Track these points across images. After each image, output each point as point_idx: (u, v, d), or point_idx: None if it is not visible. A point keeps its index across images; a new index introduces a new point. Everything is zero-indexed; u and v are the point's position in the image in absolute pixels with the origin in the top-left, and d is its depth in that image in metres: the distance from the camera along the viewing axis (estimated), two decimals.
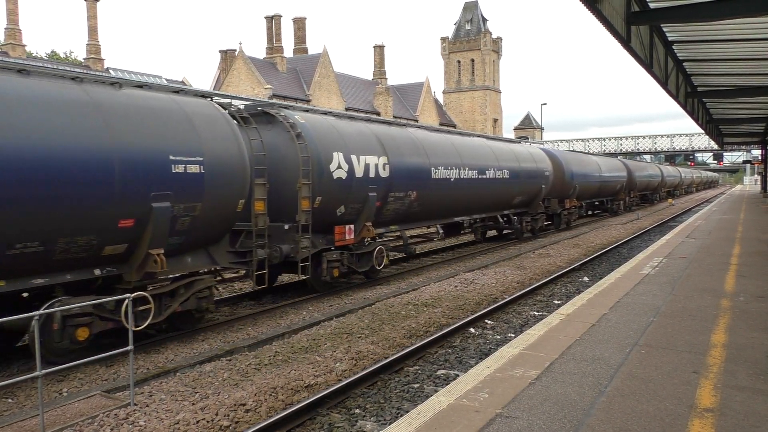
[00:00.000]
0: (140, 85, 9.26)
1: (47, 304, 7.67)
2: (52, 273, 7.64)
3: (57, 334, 7.71)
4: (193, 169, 8.88)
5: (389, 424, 5.52)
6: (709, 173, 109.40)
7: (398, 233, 16.20)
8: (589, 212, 36.31)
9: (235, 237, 10.78)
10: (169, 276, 9.18)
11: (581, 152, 39.51)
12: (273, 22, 61.40)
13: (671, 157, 78.74)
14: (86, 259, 7.93)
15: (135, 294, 7.32)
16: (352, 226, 13.08)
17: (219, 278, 11.03)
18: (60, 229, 7.38)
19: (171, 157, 8.56)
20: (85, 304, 7.62)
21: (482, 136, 22.49)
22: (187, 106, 9.35)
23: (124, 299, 6.86)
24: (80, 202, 7.50)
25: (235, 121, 10.30)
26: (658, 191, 53.80)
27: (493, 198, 20.03)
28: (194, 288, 9.51)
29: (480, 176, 18.44)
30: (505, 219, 22.19)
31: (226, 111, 10.40)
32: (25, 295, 8.18)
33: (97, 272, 8.18)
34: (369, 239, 13.68)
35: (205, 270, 10.09)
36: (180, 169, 8.67)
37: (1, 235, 6.86)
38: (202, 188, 9.01)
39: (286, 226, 11.65)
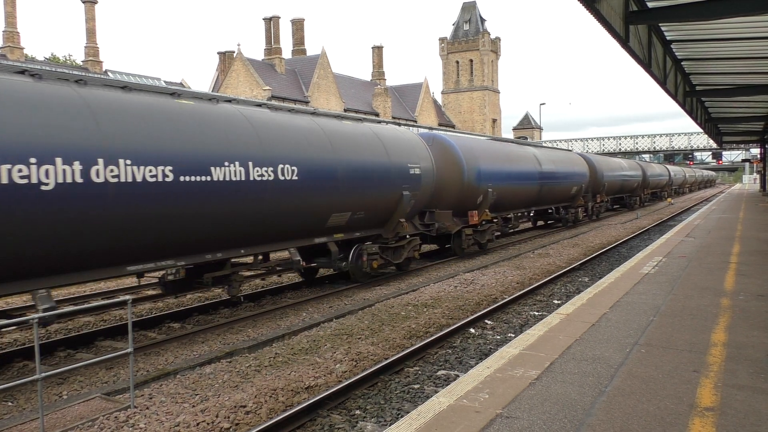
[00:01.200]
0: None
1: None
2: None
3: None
4: (417, 171, 14.76)
5: (390, 425, 5.51)
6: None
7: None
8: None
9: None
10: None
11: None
12: (271, 23, 61.44)
13: (670, 156, 78.86)
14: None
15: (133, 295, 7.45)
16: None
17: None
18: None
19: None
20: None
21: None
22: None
23: (125, 300, 6.86)
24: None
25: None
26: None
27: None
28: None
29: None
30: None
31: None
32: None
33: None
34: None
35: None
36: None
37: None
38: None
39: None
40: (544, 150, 26.76)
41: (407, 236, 15.19)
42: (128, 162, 7.89)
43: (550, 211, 27.66)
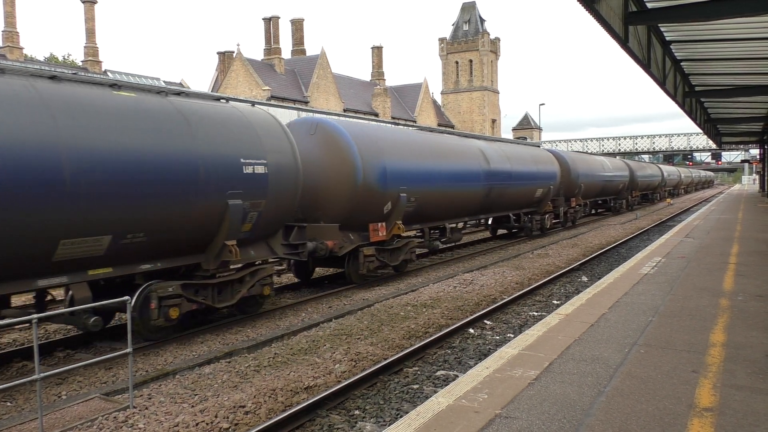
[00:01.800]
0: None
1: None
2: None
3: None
4: (261, 169, 10.41)
5: (389, 425, 5.51)
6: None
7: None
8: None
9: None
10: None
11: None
12: (271, 23, 61.44)
13: (669, 157, 78.90)
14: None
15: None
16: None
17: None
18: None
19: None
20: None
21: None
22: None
23: (124, 300, 6.85)
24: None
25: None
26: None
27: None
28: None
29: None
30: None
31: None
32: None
33: None
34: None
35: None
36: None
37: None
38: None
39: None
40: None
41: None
42: None
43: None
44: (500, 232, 25.37)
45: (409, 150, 15.05)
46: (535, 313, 11.40)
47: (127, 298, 6.86)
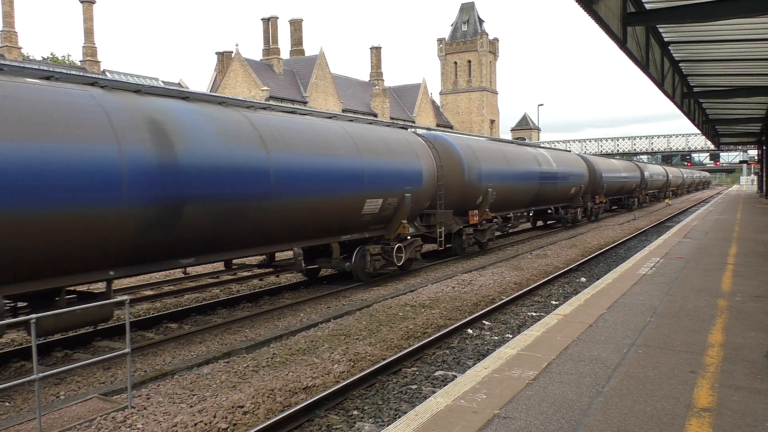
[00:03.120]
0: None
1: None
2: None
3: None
4: (420, 171, 15.42)
5: (387, 426, 5.51)
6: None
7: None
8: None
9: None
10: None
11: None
12: (270, 23, 61.41)
13: (668, 157, 79.02)
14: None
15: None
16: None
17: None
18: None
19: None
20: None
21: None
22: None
23: (123, 300, 6.85)
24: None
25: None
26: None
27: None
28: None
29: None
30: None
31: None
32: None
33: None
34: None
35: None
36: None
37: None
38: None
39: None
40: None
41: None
42: None
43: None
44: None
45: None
46: (534, 314, 11.41)
47: (126, 298, 6.86)
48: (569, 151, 38.30)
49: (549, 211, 28.02)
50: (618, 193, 39.95)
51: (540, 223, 30.30)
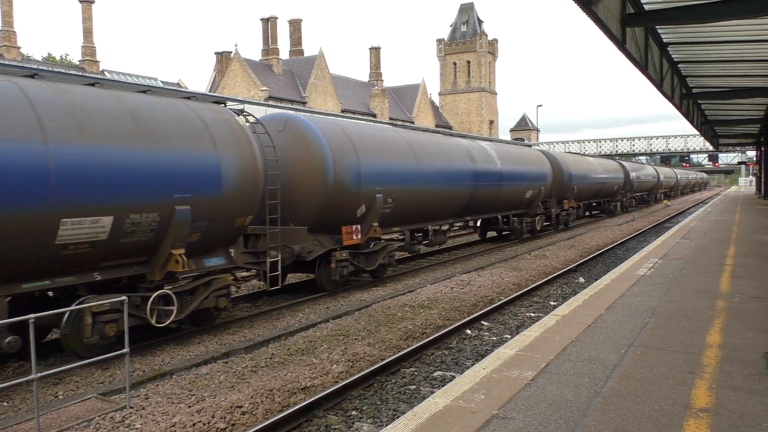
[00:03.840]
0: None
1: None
2: None
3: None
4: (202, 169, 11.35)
5: (386, 426, 5.52)
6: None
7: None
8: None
9: None
10: None
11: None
12: (269, 24, 61.44)
13: (666, 158, 79.05)
14: None
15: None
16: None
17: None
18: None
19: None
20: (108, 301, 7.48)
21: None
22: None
23: (121, 300, 6.84)
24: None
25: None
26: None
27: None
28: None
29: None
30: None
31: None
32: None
33: None
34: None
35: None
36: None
37: None
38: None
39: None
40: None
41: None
42: None
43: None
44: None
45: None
46: (532, 314, 11.42)
47: (124, 297, 6.85)
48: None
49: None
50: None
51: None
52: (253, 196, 10.19)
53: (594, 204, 36.23)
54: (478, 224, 23.68)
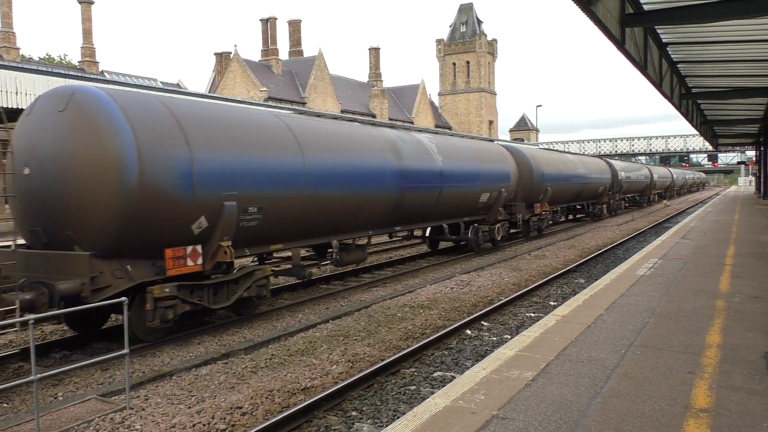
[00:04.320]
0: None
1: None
2: None
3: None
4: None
5: (386, 426, 5.52)
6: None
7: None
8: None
9: None
10: None
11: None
12: (268, 24, 61.44)
13: (666, 158, 79.11)
14: None
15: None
16: None
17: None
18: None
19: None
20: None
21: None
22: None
23: (121, 301, 6.84)
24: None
25: None
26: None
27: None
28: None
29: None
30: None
31: None
32: None
33: None
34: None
35: None
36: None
37: None
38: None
39: None
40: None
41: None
42: None
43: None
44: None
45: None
46: (532, 315, 11.42)
47: (124, 299, 6.85)
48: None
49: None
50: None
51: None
52: None
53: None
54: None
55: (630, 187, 42.59)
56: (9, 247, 8.91)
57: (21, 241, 9.20)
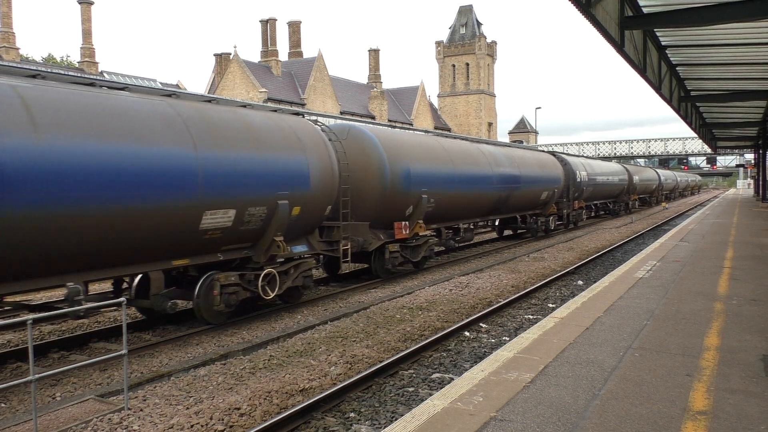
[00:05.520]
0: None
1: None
2: None
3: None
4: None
5: (384, 428, 5.52)
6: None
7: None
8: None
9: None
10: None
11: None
12: (268, 25, 61.47)
13: (665, 161, 79.15)
14: None
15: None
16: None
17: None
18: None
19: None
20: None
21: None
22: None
23: (120, 302, 6.84)
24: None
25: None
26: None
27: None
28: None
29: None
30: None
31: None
32: None
33: None
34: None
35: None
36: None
37: None
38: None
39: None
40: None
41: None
42: None
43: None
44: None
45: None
46: (531, 317, 11.42)
47: (123, 300, 6.85)
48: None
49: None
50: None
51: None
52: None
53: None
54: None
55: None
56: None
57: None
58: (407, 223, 15.09)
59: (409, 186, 14.79)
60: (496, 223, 25.61)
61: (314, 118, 13.59)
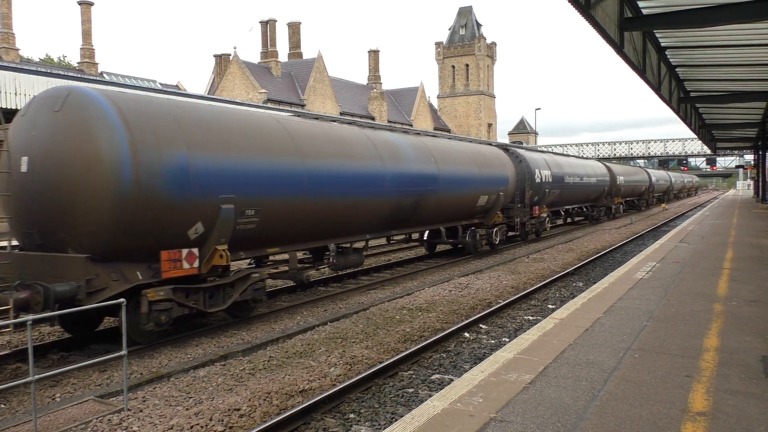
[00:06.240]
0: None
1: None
2: None
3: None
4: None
5: (384, 429, 5.52)
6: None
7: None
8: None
9: None
10: None
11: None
12: (268, 26, 61.48)
13: (665, 162, 79.18)
14: None
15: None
16: None
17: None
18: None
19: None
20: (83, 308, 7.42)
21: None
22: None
23: (120, 302, 6.84)
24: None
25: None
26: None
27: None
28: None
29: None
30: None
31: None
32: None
33: None
34: None
35: None
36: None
37: None
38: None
39: None
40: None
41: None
42: None
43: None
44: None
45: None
46: (530, 318, 11.42)
47: (122, 300, 6.85)
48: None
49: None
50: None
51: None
52: None
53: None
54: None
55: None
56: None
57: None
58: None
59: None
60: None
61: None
